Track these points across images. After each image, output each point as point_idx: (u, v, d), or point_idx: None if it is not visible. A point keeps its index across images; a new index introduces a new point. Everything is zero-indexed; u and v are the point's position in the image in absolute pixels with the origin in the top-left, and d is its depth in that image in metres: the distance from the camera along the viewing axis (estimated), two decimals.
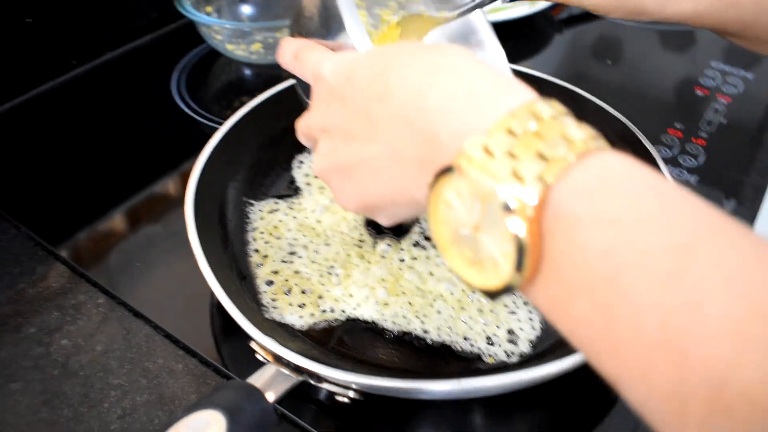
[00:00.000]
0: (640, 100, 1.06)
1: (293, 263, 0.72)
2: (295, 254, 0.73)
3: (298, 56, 0.54)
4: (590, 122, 0.35)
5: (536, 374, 0.54)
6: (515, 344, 0.65)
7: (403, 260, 0.72)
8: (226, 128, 0.77)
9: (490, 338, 0.65)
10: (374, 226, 0.76)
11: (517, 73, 0.85)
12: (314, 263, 0.72)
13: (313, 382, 0.54)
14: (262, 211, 0.77)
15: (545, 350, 0.64)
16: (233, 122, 0.78)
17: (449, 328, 0.66)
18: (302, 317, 0.66)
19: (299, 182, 0.82)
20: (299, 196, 0.80)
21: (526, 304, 0.68)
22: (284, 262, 0.72)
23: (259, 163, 0.82)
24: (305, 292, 0.68)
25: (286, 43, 0.58)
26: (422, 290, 0.69)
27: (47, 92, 1.02)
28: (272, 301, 0.67)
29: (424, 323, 0.66)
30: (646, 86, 1.10)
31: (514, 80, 0.39)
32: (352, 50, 0.51)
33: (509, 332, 0.66)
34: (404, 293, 0.69)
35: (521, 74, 0.87)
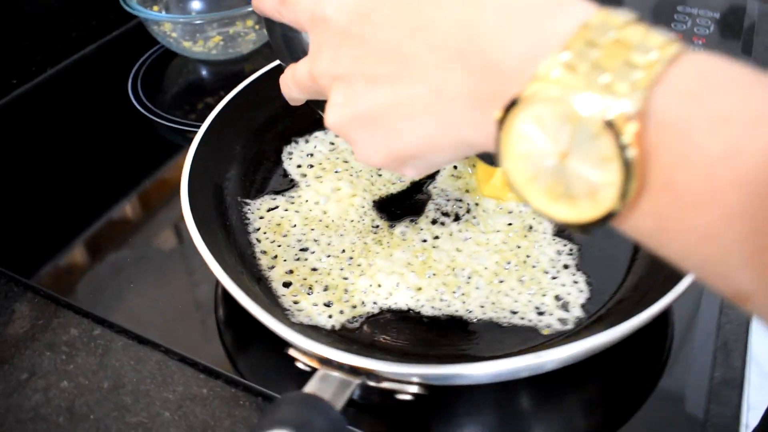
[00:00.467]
0: None
1: (307, 260, 0.65)
2: (307, 250, 0.66)
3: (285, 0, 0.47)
4: None
5: (613, 335, 0.49)
6: (567, 310, 0.60)
7: (425, 240, 0.67)
8: (204, 129, 0.70)
9: (538, 308, 0.60)
10: (385, 209, 0.70)
11: None
12: (330, 257, 0.65)
13: (371, 383, 0.48)
14: (260, 209, 0.70)
15: (602, 312, 0.59)
16: (210, 121, 0.71)
17: (493, 303, 0.60)
18: (332, 316, 0.59)
19: (293, 174, 0.75)
20: (296, 188, 0.73)
21: (566, 267, 0.64)
22: (297, 260, 0.65)
23: (246, 160, 0.74)
24: (328, 288, 0.62)
25: None
26: (454, 269, 0.64)
27: None
28: (294, 303, 0.60)
29: (465, 303, 0.60)
30: None
31: None
32: None
33: (557, 299, 0.61)
34: (435, 274, 0.63)
35: None
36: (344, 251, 0.65)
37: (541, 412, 0.55)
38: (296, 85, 0.49)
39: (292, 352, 0.50)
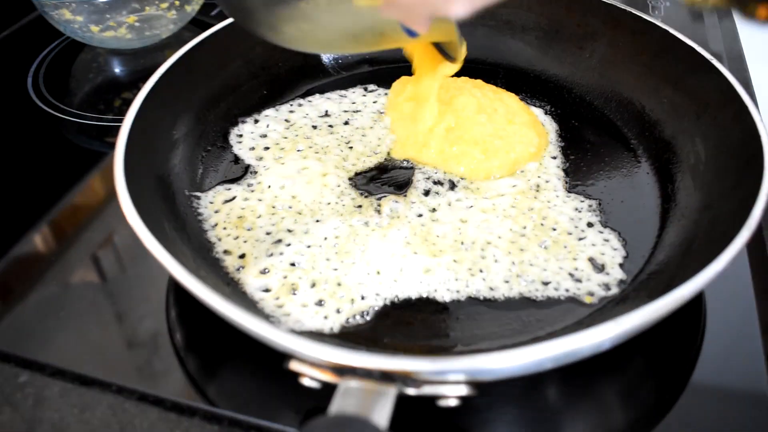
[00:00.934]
0: None
1: (283, 254, 0.53)
2: (280, 243, 0.54)
3: None
4: None
5: (679, 296, 0.39)
6: (605, 273, 0.50)
7: (421, 215, 0.56)
8: (133, 114, 0.55)
9: (573, 274, 0.50)
10: (365, 186, 0.59)
11: None
12: (311, 248, 0.53)
13: (409, 389, 0.36)
14: (213, 203, 0.57)
15: (649, 270, 0.50)
16: (140, 105, 0.56)
17: (518, 276, 0.50)
18: (327, 317, 0.48)
19: (247, 159, 0.63)
20: (254, 174, 0.61)
21: (590, 225, 0.54)
22: (271, 256, 0.52)
23: (189, 146, 0.61)
24: (316, 284, 0.50)
25: None
26: (463, 242, 0.53)
27: None
28: (278, 308, 0.48)
29: (486, 280, 0.50)
30: None
31: None
32: None
33: (591, 261, 0.51)
34: (442, 251, 0.52)
35: None
36: (326, 239, 0.54)
37: (573, 400, 0.45)
38: None
39: (295, 365, 0.38)
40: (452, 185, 0.58)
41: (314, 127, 0.66)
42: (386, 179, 0.60)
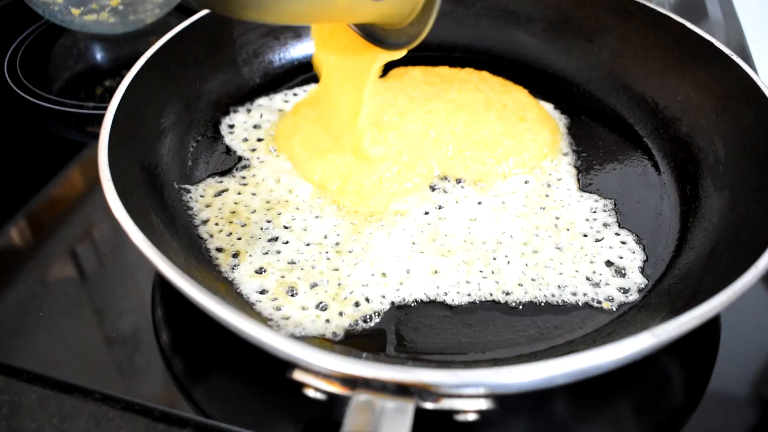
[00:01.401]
0: None
1: (281, 252, 0.49)
2: (277, 240, 0.50)
3: None
4: None
5: (713, 305, 0.36)
6: (624, 276, 0.47)
7: (427, 213, 0.52)
8: (118, 100, 0.51)
9: (590, 278, 0.47)
10: None
11: None
12: (310, 245, 0.50)
13: (427, 403, 0.33)
14: (204, 196, 0.54)
15: (671, 276, 0.47)
16: (125, 91, 0.52)
17: (533, 280, 0.47)
18: (330, 321, 0.44)
19: (239, 150, 0.59)
20: (247, 167, 0.57)
21: (606, 225, 0.51)
22: (267, 254, 0.49)
23: (177, 136, 0.57)
24: (317, 285, 0.46)
25: None
26: (473, 242, 0.50)
27: None
28: (277, 311, 0.45)
29: (499, 283, 0.47)
30: None
31: None
32: None
33: (609, 265, 0.48)
34: (450, 251, 0.49)
35: None
36: (327, 236, 0.50)
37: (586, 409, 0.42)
38: None
39: (299, 375, 0.34)
40: (459, 180, 0.55)
41: None
42: None
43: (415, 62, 0.66)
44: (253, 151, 0.58)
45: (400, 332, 0.44)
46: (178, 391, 0.43)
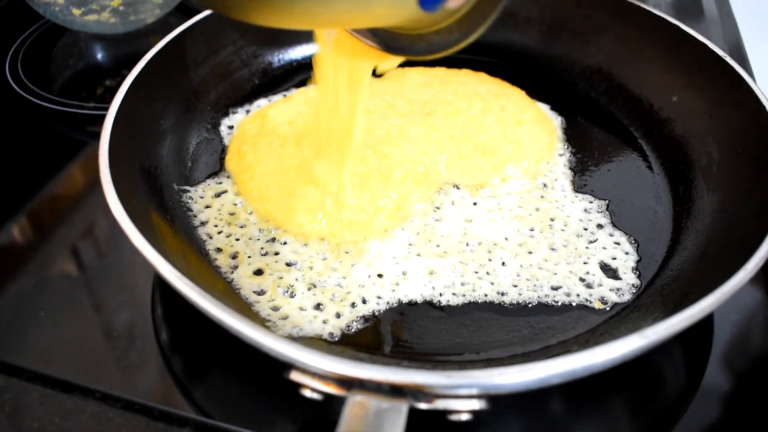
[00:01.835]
0: None
1: (279, 254, 0.50)
2: (275, 241, 0.51)
3: None
4: None
5: (700, 307, 0.37)
6: (617, 278, 0.48)
7: (424, 214, 0.53)
8: (119, 101, 0.52)
9: (584, 279, 0.48)
10: None
11: None
12: (308, 246, 0.50)
13: (421, 404, 0.34)
14: (204, 197, 0.54)
15: (663, 276, 0.48)
16: (126, 91, 0.53)
17: (527, 280, 0.48)
18: (327, 321, 0.45)
19: None
20: None
21: (600, 227, 0.52)
22: (265, 255, 0.50)
23: (177, 137, 0.58)
24: (314, 286, 0.47)
25: None
26: (468, 243, 0.50)
27: None
28: (274, 311, 0.45)
29: (494, 284, 0.47)
30: None
31: None
32: None
33: (602, 266, 0.49)
34: (446, 253, 0.50)
35: None
36: (323, 237, 0.51)
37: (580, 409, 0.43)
38: None
39: (296, 376, 0.35)
40: (456, 186, 0.56)
41: None
42: None
43: (412, 63, 0.67)
44: None
45: (395, 333, 0.45)
46: (177, 390, 0.44)
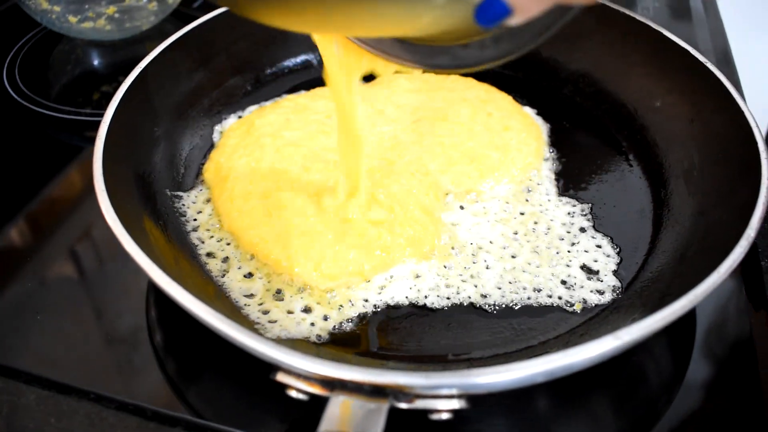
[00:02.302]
0: None
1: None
2: None
3: None
4: None
5: (675, 309, 0.38)
6: (599, 279, 0.49)
7: None
8: (113, 108, 0.53)
9: (565, 281, 0.49)
10: None
11: None
12: None
13: (401, 404, 0.35)
14: (196, 203, 0.56)
15: (643, 278, 0.49)
16: (120, 98, 0.54)
17: (510, 283, 0.49)
18: (314, 324, 0.46)
19: None
20: None
21: (583, 230, 0.53)
22: (254, 259, 0.51)
23: (170, 143, 0.59)
24: (303, 289, 0.48)
25: None
26: (453, 246, 0.52)
27: None
28: (263, 314, 0.47)
29: (477, 287, 0.49)
30: None
31: None
32: None
33: (584, 269, 0.50)
34: (432, 256, 0.51)
35: None
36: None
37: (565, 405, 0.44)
38: None
39: (282, 377, 0.36)
40: (447, 193, 0.57)
41: None
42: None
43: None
44: None
45: (381, 334, 0.46)
46: (171, 391, 0.45)
